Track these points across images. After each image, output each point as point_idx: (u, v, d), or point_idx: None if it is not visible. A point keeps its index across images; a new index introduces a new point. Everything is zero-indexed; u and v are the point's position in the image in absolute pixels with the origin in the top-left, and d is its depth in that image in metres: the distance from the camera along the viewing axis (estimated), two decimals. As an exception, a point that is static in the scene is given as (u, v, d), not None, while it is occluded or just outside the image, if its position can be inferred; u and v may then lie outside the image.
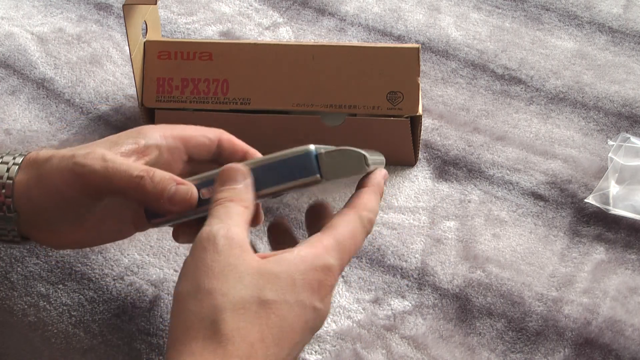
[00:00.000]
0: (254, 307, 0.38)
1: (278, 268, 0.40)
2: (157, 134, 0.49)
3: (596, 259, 0.59)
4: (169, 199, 0.45)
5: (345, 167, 0.44)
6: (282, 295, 0.39)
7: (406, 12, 0.86)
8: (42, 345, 0.53)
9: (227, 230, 0.41)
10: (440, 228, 0.61)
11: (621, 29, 0.83)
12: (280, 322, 0.39)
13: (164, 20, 0.84)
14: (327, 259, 0.41)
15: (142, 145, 0.48)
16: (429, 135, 0.70)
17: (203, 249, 0.40)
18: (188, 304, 0.39)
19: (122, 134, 0.48)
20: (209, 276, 0.39)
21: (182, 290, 0.40)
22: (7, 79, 0.77)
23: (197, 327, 0.38)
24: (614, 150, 0.65)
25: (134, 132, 0.48)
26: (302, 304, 0.40)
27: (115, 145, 0.47)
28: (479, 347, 0.53)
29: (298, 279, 0.40)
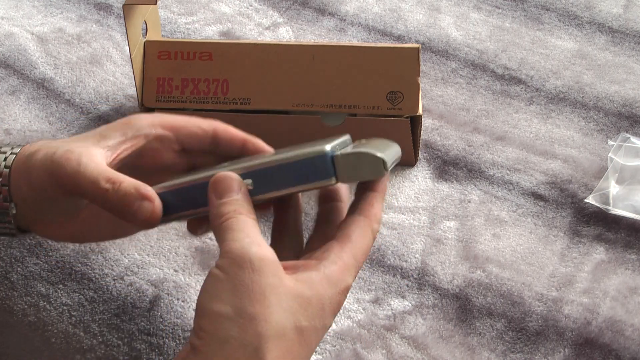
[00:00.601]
0: (292, 334, 0.38)
1: (309, 292, 0.40)
2: (145, 123, 0.47)
3: (596, 259, 0.59)
4: (132, 215, 0.43)
5: (362, 171, 0.42)
6: (313, 322, 0.39)
7: (406, 12, 0.86)
8: (42, 345, 0.53)
9: (259, 248, 0.39)
10: (440, 228, 0.61)
11: (621, 29, 0.83)
12: (308, 348, 0.39)
13: (164, 20, 0.84)
14: (348, 280, 0.41)
15: (129, 137, 0.47)
16: (429, 135, 0.70)
17: (239, 267, 0.39)
18: (229, 328, 0.38)
19: (110, 126, 0.47)
20: (250, 299, 0.38)
21: (221, 312, 0.38)
22: (7, 79, 0.77)
23: (239, 354, 0.37)
24: (614, 150, 0.65)
25: (122, 123, 0.47)
26: (325, 327, 0.40)
27: (103, 138, 0.46)
28: (479, 347, 0.53)
29: (327, 305, 0.40)
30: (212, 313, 0.38)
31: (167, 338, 0.53)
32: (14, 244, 0.59)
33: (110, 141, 0.46)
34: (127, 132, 0.47)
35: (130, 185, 0.43)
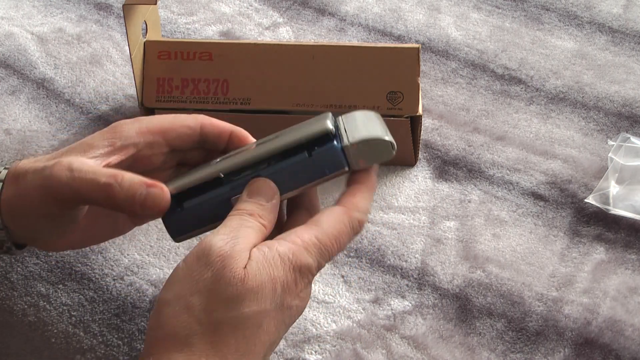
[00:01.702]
0: (233, 323, 0.38)
1: (261, 276, 0.39)
2: (133, 132, 0.46)
3: (596, 259, 0.59)
4: (141, 204, 0.42)
5: (373, 154, 0.44)
6: (263, 304, 0.39)
7: (406, 12, 0.86)
8: (42, 345, 0.53)
9: (224, 244, 0.40)
10: (440, 228, 0.61)
11: (621, 29, 0.83)
12: (257, 330, 0.39)
13: (164, 20, 0.84)
14: (305, 259, 0.41)
15: (117, 146, 0.45)
16: (429, 135, 0.70)
17: (196, 259, 0.40)
18: (166, 313, 0.38)
19: (96, 135, 0.46)
20: (192, 291, 0.39)
21: (163, 297, 0.39)
22: (7, 79, 0.77)
23: (171, 340, 0.38)
24: (614, 150, 0.65)
25: (109, 131, 0.46)
26: (279, 307, 0.40)
27: (90, 148, 0.45)
28: (479, 347, 0.53)
29: (279, 284, 0.40)
30: (159, 299, 0.39)
31: (167, 338, 0.53)
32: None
33: (98, 150, 0.45)
34: (116, 142, 0.46)
35: (133, 176, 0.43)
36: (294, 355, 0.52)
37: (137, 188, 0.42)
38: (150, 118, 0.48)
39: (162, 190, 0.43)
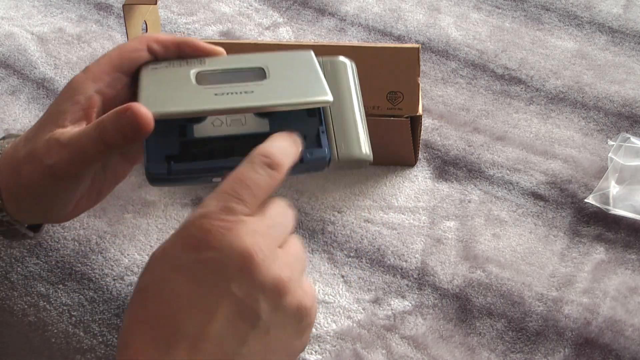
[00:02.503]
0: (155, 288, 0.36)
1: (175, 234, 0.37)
2: (89, 81, 0.46)
3: (596, 259, 0.59)
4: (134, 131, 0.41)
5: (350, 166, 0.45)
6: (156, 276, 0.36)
7: (406, 12, 0.86)
8: (42, 345, 0.53)
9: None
10: (440, 228, 0.61)
11: (621, 29, 0.83)
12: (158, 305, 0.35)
13: (164, 20, 0.84)
14: (205, 208, 0.37)
15: (83, 101, 0.45)
16: (429, 135, 0.70)
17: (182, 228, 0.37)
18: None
19: (58, 100, 0.46)
20: None
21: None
22: (7, 79, 0.77)
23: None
24: (614, 150, 0.65)
25: (67, 91, 0.46)
26: (178, 268, 0.36)
27: (60, 116, 0.45)
28: (479, 347, 0.53)
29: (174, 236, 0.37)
30: None
31: (167, 338, 0.53)
32: (14, 244, 0.59)
33: (67, 115, 0.45)
34: (78, 98, 0.45)
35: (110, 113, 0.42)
36: (294, 355, 0.52)
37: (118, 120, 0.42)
38: (97, 61, 0.47)
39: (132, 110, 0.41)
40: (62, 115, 0.45)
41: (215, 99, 0.43)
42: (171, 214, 0.62)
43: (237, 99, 0.43)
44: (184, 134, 0.44)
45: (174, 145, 0.44)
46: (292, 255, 0.39)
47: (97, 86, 0.46)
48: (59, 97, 0.46)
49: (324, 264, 0.59)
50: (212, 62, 0.47)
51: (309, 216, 0.62)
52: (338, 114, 0.45)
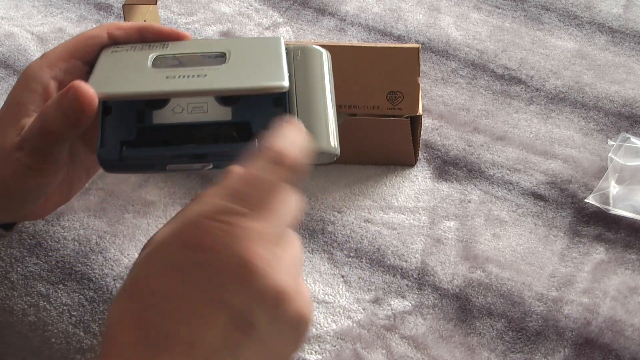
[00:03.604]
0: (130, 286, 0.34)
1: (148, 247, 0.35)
2: (45, 68, 0.44)
3: (596, 259, 0.59)
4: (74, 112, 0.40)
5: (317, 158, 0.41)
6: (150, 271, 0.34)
7: (406, 12, 0.86)
8: (42, 345, 0.53)
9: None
10: (440, 228, 0.61)
11: (621, 29, 0.83)
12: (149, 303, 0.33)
13: (164, 20, 0.84)
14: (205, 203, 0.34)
15: (40, 90, 0.44)
16: (429, 135, 0.70)
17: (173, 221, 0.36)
18: None
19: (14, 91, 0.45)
20: None
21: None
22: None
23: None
24: (614, 150, 0.65)
25: (22, 81, 0.45)
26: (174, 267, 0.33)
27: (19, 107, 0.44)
28: (479, 347, 0.53)
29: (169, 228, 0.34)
30: None
31: (167, 338, 0.53)
32: (14, 244, 0.59)
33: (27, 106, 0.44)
34: (34, 86, 0.44)
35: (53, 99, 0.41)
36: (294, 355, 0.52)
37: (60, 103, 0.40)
38: (55, 48, 0.46)
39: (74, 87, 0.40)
40: (22, 107, 0.44)
41: (165, 81, 0.41)
42: (171, 213, 0.62)
43: (187, 82, 0.41)
44: (142, 120, 0.43)
45: (131, 131, 0.42)
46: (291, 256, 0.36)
47: (53, 72, 0.45)
48: (16, 87, 0.45)
49: (324, 264, 0.59)
50: (175, 46, 0.45)
51: (309, 216, 0.62)
52: (305, 104, 0.43)
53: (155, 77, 0.42)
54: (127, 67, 0.43)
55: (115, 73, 0.43)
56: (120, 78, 0.43)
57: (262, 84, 0.41)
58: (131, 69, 0.43)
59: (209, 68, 0.42)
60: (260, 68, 0.42)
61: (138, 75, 0.42)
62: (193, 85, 0.41)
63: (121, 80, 0.42)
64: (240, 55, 0.44)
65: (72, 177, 0.48)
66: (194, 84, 0.41)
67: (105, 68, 0.44)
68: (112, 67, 0.44)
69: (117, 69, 0.44)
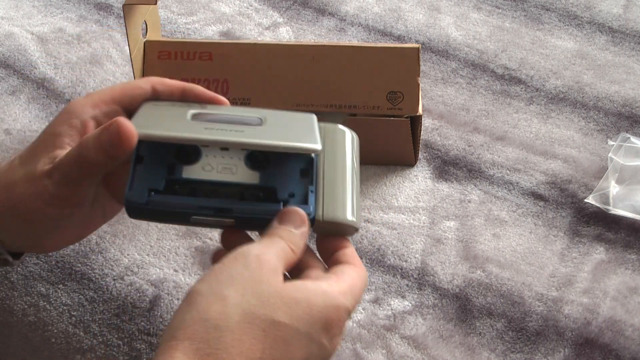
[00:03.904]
0: (264, 324, 0.38)
1: (298, 295, 0.40)
2: (87, 107, 0.46)
3: (596, 259, 0.59)
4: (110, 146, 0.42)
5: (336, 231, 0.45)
6: (295, 322, 0.39)
7: (406, 12, 0.86)
8: (42, 345, 0.53)
9: (261, 253, 0.41)
10: (440, 228, 0.61)
11: (621, 29, 0.83)
12: (285, 346, 0.38)
13: (164, 20, 0.84)
14: (344, 302, 0.41)
15: (79, 125, 0.45)
16: (429, 135, 0.70)
17: (234, 259, 0.40)
18: (197, 302, 0.38)
19: (55, 122, 0.46)
20: (227, 284, 0.39)
21: (196, 289, 0.39)
22: (7, 79, 0.77)
23: (197, 326, 0.37)
24: (614, 150, 0.65)
25: (64, 114, 0.46)
26: (310, 336, 0.39)
27: (56, 138, 0.45)
28: (479, 347, 0.53)
29: (315, 311, 0.40)
30: (191, 290, 0.39)
31: (167, 338, 0.53)
32: None
33: (64, 137, 0.45)
34: (74, 121, 0.46)
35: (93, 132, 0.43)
36: (294, 355, 0.52)
37: (100, 135, 0.42)
38: (102, 89, 0.48)
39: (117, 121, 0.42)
40: (59, 138, 0.45)
41: (204, 131, 0.44)
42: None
43: (225, 134, 0.44)
44: (172, 173, 0.44)
45: (160, 181, 0.44)
46: None
47: (94, 112, 0.46)
48: (56, 119, 0.47)
49: (324, 264, 0.59)
50: (213, 108, 0.48)
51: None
52: (330, 178, 0.46)
53: (194, 127, 0.45)
54: (167, 116, 0.46)
55: (156, 119, 0.45)
56: (160, 123, 0.45)
57: (298, 144, 0.44)
58: (171, 118, 0.46)
59: (247, 127, 0.45)
60: (296, 133, 0.45)
61: (177, 123, 0.45)
62: (230, 137, 0.44)
63: (161, 125, 0.45)
64: (276, 122, 0.46)
65: (89, 217, 0.49)
66: (231, 136, 0.44)
67: (146, 114, 0.46)
68: (153, 114, 0.46)
69: (158, 116, 0.46)
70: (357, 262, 0.45)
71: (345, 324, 0.42)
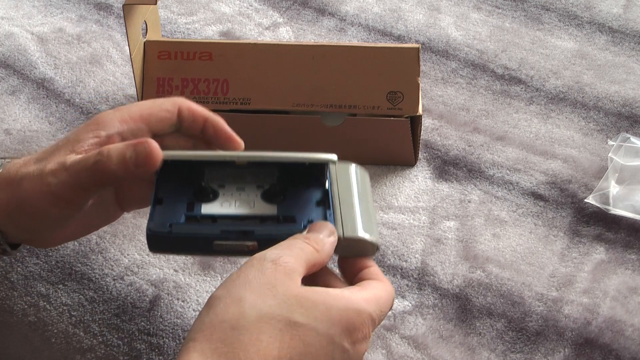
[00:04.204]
0: (281, 324, 0.38)
1: (317, 297, 0.40)
2: (116, 121, 0.47)
3: (596, 259, 0.59)
4: (135, 163, 0.43)
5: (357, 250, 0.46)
6: (314, 322, 0.39)
7: (406, 12, 0.86)
8: (42, 345, 0.53)
9: (278, 257, 0.41)
10: (440, 228, 0.61)
11: (621, 29, 0.83)
12: (304, 347, 0.39)
13: (164, 20, 0.84)
14: (367, 307, 0.41)
15: (103, 137, 0.46)
16: (429, 135, 0.70)
17: (250, 265, 0.41)
18: (215, 306, 0.39)
19: (80, 129, 0.47)
20: (244, 287, 0.39)
21: (215, 294, 0.40)
22: (7, 79, 0.77)
23: (215, 328, 0.38)
24: (614, 150, 0.65)
25: (92, 124, 0.47)
26: (331, 337, 0.39)
27: (77, 143, 0.46)
28: (479, 347, 0.53)
29: (334, 313, 0.40)
30: (210, 297, 0.40)
31: (167, 338, 0.53)
32: None
33: (85, 144, 0.46)
34: (100, 133, 0.46)
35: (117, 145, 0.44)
36: (294, 355, 0.52)
37: (125, 151, 0.43)
38: (131, 105, 0.48)
39: (148, 144, 0.43)
40: (79, 143, 0.46)
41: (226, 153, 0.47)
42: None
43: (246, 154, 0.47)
44: (191, 210, 0.46)
45: (180, 216, 0.45)
46: None
47: (121, 128, 0.47)
48: (83, 126, 0.47)
49: (324, 264, 0.59)
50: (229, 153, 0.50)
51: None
52: (347, 203, 0.47)
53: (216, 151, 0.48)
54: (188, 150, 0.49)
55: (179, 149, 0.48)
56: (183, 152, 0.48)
57: (314, 156, 0.46)
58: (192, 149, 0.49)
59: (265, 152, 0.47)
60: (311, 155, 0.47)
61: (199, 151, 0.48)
62: (253, 153, 0.46)
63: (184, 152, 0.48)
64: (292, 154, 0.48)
65: (90, 219, 0.50)
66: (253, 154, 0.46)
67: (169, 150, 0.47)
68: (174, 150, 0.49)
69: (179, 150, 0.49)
70: (382, 278, 0.45)
71: (370, 331, 0.41)
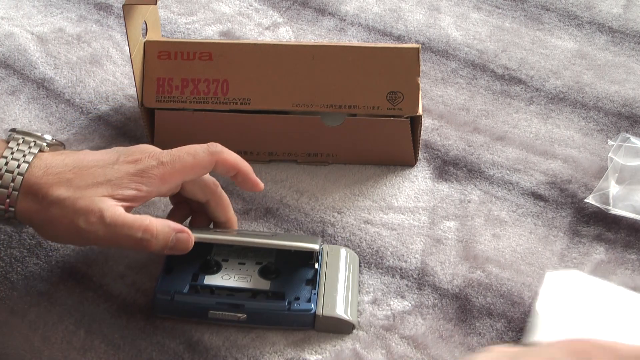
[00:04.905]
0: None
1: None
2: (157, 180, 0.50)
3: (596, 259, 0.59)
4: (171, 248, 0.50)
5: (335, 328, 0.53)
6: None
7: (406, 12, 0.86)
8: (42, 345, 0.53)
9: None
10: (440, 228, 0.61)
11: (621, 29, 0.83)
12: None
13: (164, 20, 0.84)
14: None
15: (143, 192, 0.50)
16: (429, 135, 0.70)
17: None
18: None
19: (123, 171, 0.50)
20: None
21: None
22: (7, 79, 0.77)
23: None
24: (614, 150, 0.65)
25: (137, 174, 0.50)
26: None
27: (117, 189, 0.49)
28: (479, 347, 0.53)
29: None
30: None
31: (167, 338, 0.53)
32: (14, 244, 0.59)
33: (124, 192, 0.49)
34: (142, 187, 0.50)
35: (163, 226, 0.49)
36: (294, 355, 0.52)
37: (169, 237, 0.49)
38: (174, 159, 0.51)
39: (189, 235, 0.50)
40: (119, 190, 0.49)
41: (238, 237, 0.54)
42: (171, 214, 0.62)
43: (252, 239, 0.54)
44: (195, 280, 0.54)
45: (184, 285, 0.54)
46: None
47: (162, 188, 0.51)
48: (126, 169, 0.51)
49: (324, 264, 0.59)
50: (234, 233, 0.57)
51: (309, 217, 0.62)
52: (331, 285, 0.54)
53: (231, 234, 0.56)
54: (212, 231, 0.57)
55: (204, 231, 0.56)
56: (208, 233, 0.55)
57: (300, 244, 0.54)
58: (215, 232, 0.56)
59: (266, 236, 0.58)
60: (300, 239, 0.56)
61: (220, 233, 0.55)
62: (256, 239, 0.54)
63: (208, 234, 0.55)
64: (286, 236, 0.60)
65: None
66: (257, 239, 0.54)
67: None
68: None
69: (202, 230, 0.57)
70: None
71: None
